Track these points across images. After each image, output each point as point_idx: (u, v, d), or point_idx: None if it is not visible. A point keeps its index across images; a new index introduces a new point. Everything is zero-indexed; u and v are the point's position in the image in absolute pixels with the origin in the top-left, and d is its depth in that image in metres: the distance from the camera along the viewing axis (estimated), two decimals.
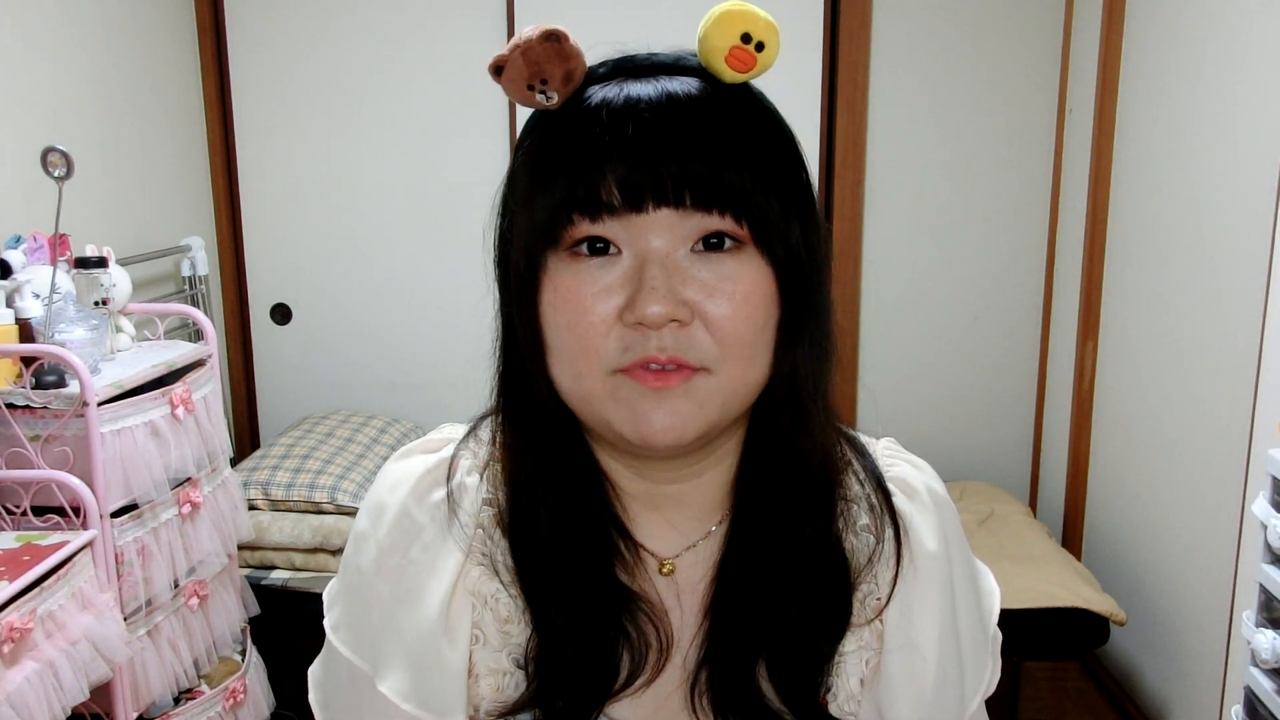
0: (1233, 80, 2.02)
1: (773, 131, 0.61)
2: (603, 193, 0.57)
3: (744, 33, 0.59)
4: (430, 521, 0.67)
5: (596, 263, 0.58)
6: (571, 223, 0.58)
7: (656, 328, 0.57)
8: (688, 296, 0.57)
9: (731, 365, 0.59)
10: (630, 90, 0.59)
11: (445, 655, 0.66)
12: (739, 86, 0.61)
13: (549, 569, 0.65)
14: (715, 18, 0.59)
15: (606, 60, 0.63)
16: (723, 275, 0.58)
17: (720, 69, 0.60)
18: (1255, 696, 1.61)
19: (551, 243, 0.59)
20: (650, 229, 0.57)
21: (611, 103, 0.58)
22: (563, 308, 0.59)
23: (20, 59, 2.04)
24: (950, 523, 0.72)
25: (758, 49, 0.59)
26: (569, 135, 0.59)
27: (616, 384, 0.59)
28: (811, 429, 0.65)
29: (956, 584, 0.71)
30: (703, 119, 0.58)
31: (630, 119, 0.57)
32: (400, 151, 2.87)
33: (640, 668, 0.65)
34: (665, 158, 0.57)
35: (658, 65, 0.62)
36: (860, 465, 0.71)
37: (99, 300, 1.87)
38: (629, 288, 0.57)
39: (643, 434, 0.59)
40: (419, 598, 0.66)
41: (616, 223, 0.57)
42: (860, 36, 2.76)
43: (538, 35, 0.58)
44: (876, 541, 0.68)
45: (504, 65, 0.59)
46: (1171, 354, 2.25)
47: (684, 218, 0.57)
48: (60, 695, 1.41)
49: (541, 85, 0.59)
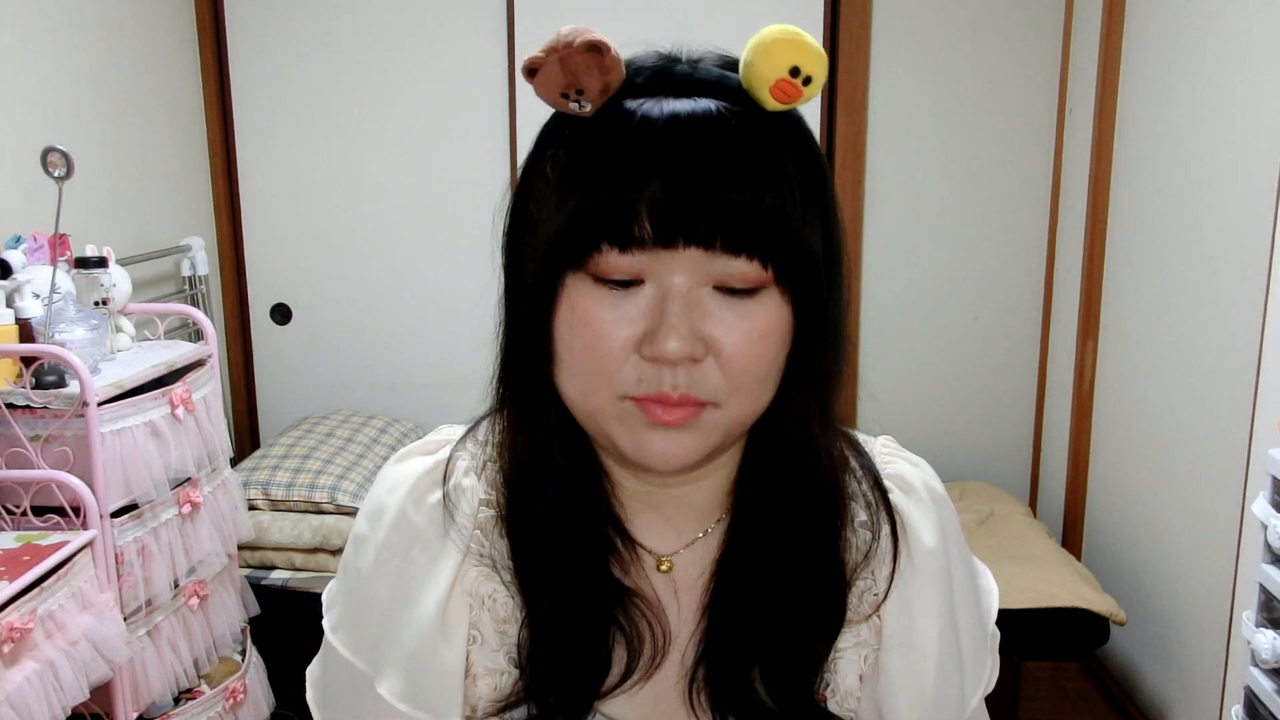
0: (1233, 80, 2.02)
1: (810, 165, 0.60)
2: (636, 228, 0.55)
3: (793, 66, 0.56)
4: (428, 523, 0.67)
5: (619, 291, 0.57)
6: (599, 251, 0.56)
7: (674, 364, 0.57)
8: (706, 333, 0.57)
9: (739, 399, 0.59)
10: (671, 116, 0.56)
11: (441, 655, 0.66)
12: (781, 114, 0.59)
13: (544, 563, 0.65)
14: (766, 46, 0.57)
15: (644, 67, 0.60)
16: (742, 314, 0.58)
17: (764, 98, 0.58)
18: (1255, 696, 1.61)
19: (574, 263, 0.58)
20: (677, 266, 0.56)
21: (652, 131, 0.56)
22: (580, 330, 0.58)
23: (20, 59, 2.04)
24: (949, 520, 0.72)
25: (804, 82, 0.57)
26: (604, 154, 0.57)
27: (624, 409, 0.59)
28: (817, 439, 0.65)
29: (955, 580, 0.71)
30: (744, 158, 0.56)
31: (671, 152, 0.55)
32: (400, 151, 2.87)
33: (635, 664, 0.65)
34: (703, 203, 0.55)
35: (699, 83, 0.59)
36: (858, 463, 0.70)
37: (99, 300, 1.87)
38: (649, 320, 0.57)
39: (644, 460, 0.59)
40: (417, 599, 0.66)
41: (645, 255, 0.56)
42: (860, 36, 2.76)
43: (578, 44, 0.56)
44: (873, 538, 0.68)
45: (538, 68, 0.57)
46: (1171, 354, 2.25)
47: (711, 259, 0.56)
48: (60, 695, 1.41)
49: (577, 95, 0.57)
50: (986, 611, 0.75)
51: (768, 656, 0.65)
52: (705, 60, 0.61)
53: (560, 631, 0.64)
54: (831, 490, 0.67)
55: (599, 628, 0.65)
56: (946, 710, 0.69)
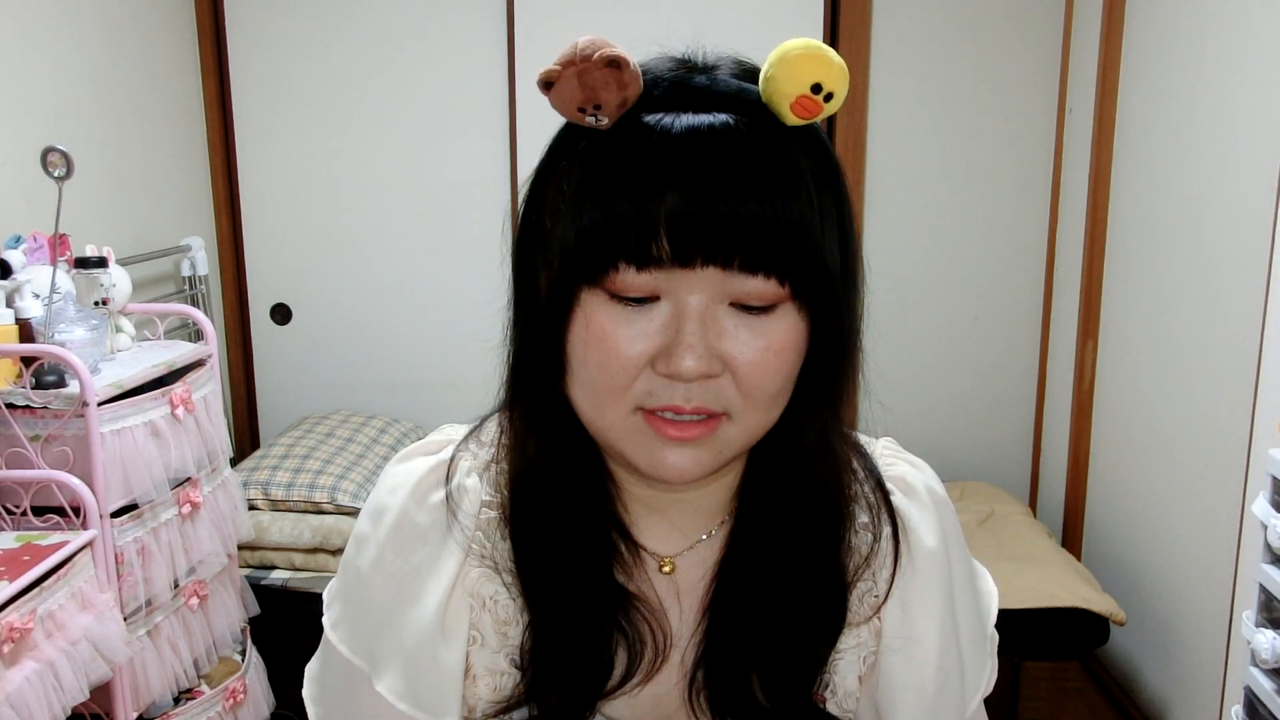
0: (1233, 80, 2.02)
1: (829, 179, 0.59)
2: (654, 246, 0.55)
3: (816, 83, 0.56)
4: (430, 523, 0.67)
5: (635, 308, 0.57)
6: (616, 269, 0.56)
7: (688, 382, 0.57)
8: (721, 350, 0.57)
9: (752, 412, 0.59)
10: (688, 122, 0.56)
11: (441, 655, 0.66)
12: (801, 129, 0.59)
13: (548, 566, 0.65)
14: (788, 61, 0.56)
15: (660, 78, 0.59)
16: (758, 332, 0.57)
17: (784, 113, 0.57)
18: (1255, 696, 1.61)
19: (590, 280, 0.57)
20: (694, 284, 0.56)
21: (671, 148, 0.55)
22: (595, 346, 0.58)
23: (20, 59, 2.04)
24: (949, 522, 0.72)
25: (825, 99, 0.56)
26: (622, 168, 0.56)
27: (637, 423, 0.59)
28: (829, 448, 0.65)
29: (956, 581, 0.71)
30: (763, 175, 0.55)
31: (690, 169, 0.54)
32: (400, 151, 2.87)
33: (636, 666, 0.65)
34: (721, 222, 0.54)
35: (718, 96, 0.58)
36: (860, 465, 0.71)
37: (99, 300, 1.87)
38: (664, 336, 0.57)
39: (658, 472, 0.60)
40: (417, 598, 0.66)
41: (662, 274, 0.56)
42: (860, 36, 2.76)
43: (597, 58, 0.54)
44: (874, 540, 0.68)
45: (555, 81, 0.56)
46: (1171, 354, 2.25)
47: (728, 278, 0.56)
48: (60, 695, 1.41)
49: (594, 109, 0.56)
50: (986, 613, 0.75)
51: (768, 659, 0.65)
52: (721, 68, 0.61)
53: (564, 635, 0.64)
54: (837, 497, 0.67)
55: (602, 631, 0.65)
56: (946, 711, 0.69)
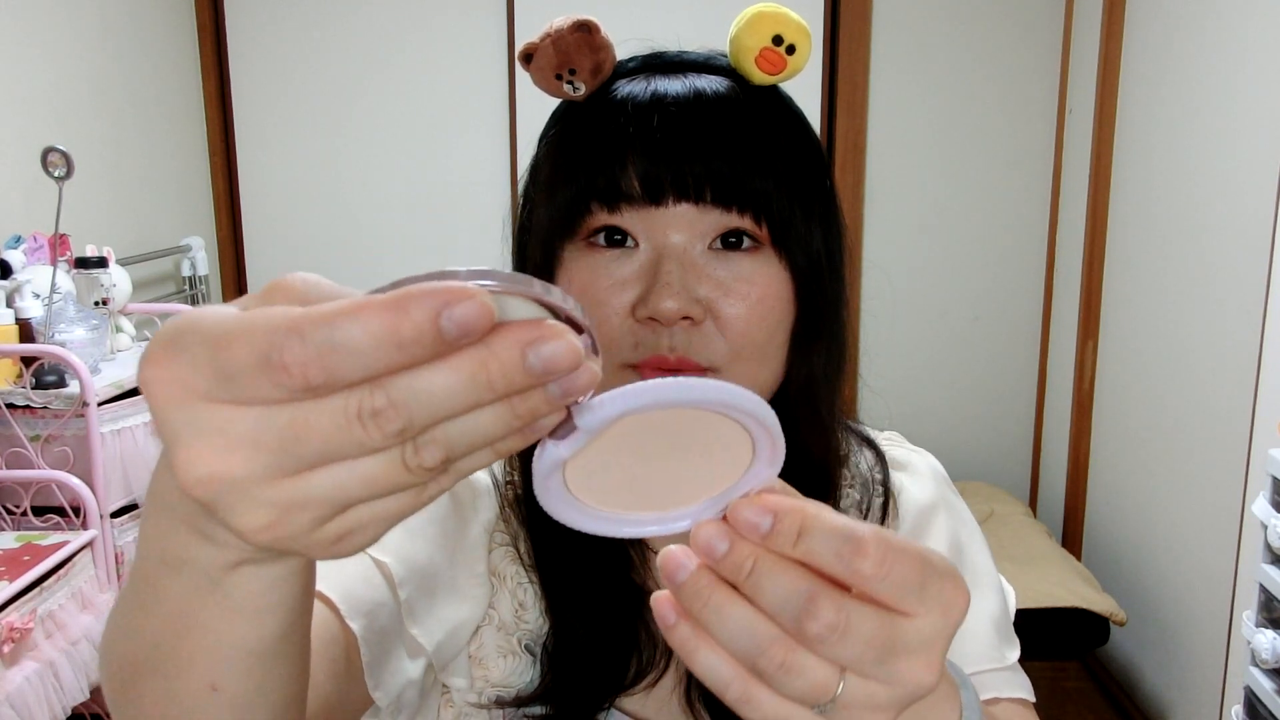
0: (1233, 80, 2.02)
1: (798, 135, 0.60)
2: (622, 184, 0.56)
3: (775, 35, 0.58)
4: (462, 487, 0.67)
5: (612, 255, 0.58)
6: (589, 212, 0.57)
7: (669, 324, 0.56)
8: (702, 294, 0.57)
9: (741, 366, 0.58)
10: (658, 86, 0.58)
11: (461, 586, 0.64)
12: (768, 89, 0.60)
13: (567, 569, 0.65)
14: (748, 19, 0.59)
15: (636, 55, 0.62)
16: (739, 275, 0.57)
17: (750, 70, 0.59)
18: (1255, 696, 1.61)
19: (569, 233, 0.58)
20: (669, 224, 0.57)
21: (637, 97, 0.58)
22: (577, 298, 0.58)
23: (20, 59, 2.04)
24: (948, 492, 0.73)
25: (788, 51, 0.58)
26: (593, 127, 0.58)
27: (625, 379, 0.59)
28: (823, 429, 0.65)
29: (962, 524, 0.71)
30: (729, 118, 0.57)
31: (656, 114, 0.57)
32: (400, 151, 2.87)
33: (649, 665, 0.65)
34: (689, 154, 0.56)
35: (687, 63, 0.61)
36: (859, 444, 0.72)
37: (99, 300, 1.87)
38: (644, 282, 0.57)
39: None
40: (465, 528, 0.66)
41: (635, 214, 0.57)
42: (860, 36, 2.76)
43: (569, 25, 0.58)
44: (863, 515, 0.69)
45: (534, 53, 0.59)
46: (1171, 354, 2.25)
47: (703, 214, 0.57)
48: (60, 695, 1.41)
49: (570, 75, 0.58)
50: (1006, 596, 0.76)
51: None
52: (695, 51, 0.63)
53: (585, 639, 0.64)
54: (825, 478, 0.67)
55: (622, 634, 0.65)
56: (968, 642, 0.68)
